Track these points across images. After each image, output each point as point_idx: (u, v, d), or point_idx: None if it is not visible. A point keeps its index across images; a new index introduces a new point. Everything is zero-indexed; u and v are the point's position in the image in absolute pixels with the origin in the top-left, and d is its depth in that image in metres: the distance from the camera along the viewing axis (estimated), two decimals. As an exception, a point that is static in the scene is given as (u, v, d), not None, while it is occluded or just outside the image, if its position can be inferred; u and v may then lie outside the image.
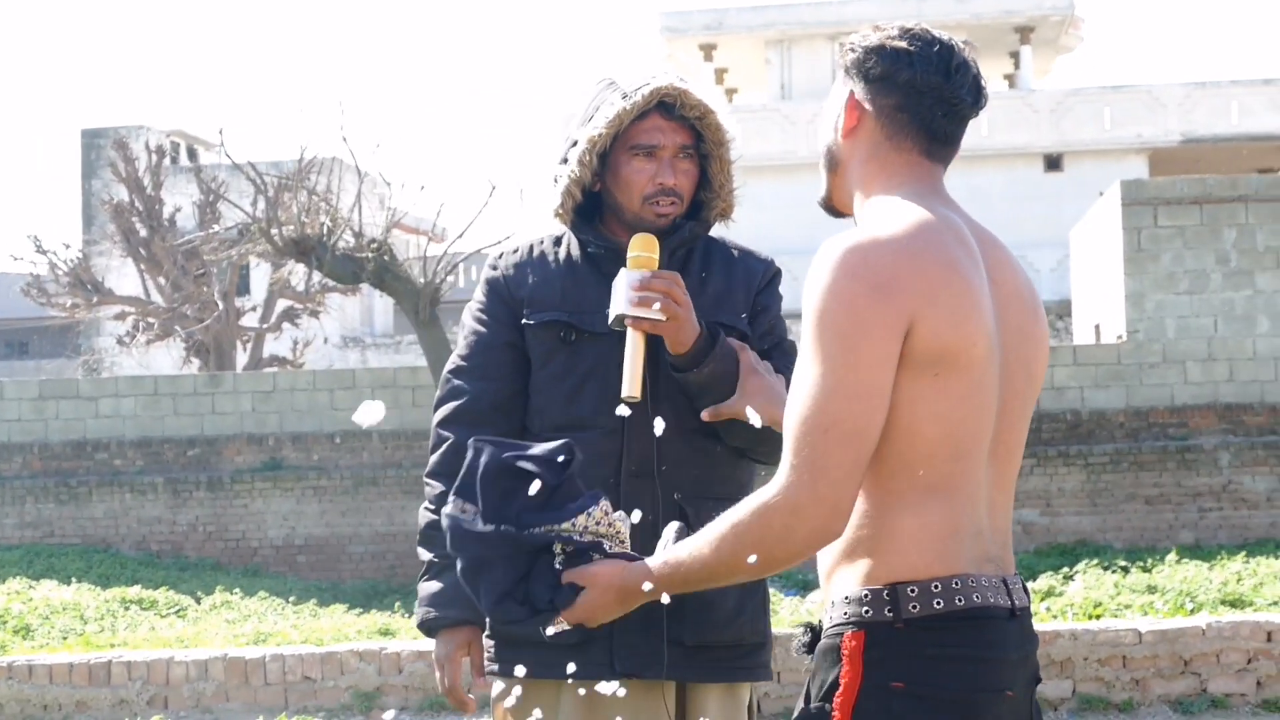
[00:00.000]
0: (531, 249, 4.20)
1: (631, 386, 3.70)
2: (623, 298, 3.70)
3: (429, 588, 4.05)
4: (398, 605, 16.63)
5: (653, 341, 3.81)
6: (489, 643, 4.08)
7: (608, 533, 3.23)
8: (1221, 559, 16.64)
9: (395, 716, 9.51)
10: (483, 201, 19.92)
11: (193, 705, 9.64)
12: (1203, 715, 9.06)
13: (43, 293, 34.80)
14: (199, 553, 23.49)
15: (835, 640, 2.93)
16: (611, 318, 3.74)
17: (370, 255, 19.00)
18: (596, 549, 3.20)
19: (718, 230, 4.23)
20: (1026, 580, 8.88)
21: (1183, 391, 22.01)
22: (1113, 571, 15.73)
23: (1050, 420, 21.94)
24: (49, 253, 34.17)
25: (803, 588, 17.29)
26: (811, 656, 3.04)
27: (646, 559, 3.10)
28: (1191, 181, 22.52)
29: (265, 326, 34.15)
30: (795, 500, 2.81)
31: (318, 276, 31.02)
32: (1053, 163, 44.88)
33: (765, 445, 3.94)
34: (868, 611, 2.89)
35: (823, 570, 3.07)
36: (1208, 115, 44.23)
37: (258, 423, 24.08)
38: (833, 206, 3.24)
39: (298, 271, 32.05)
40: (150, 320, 33.65)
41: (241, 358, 34.50)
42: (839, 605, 2.95)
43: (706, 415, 3.83)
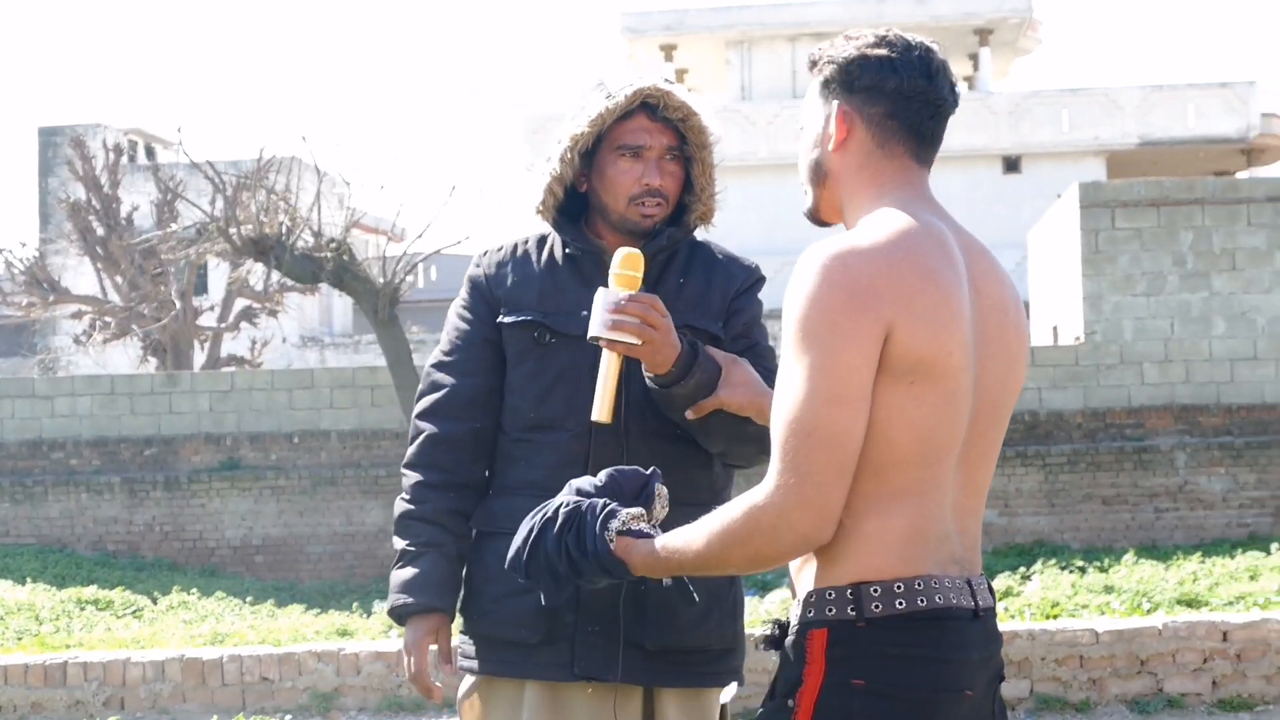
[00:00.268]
0: (516, 248, 4.21)
1: (601, 411, 3.70)
2: (599, 319, 3.67)
3: (401, 575, 4.06)
4: (355, 606, 16.60)
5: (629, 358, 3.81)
6: (462, 639, 4.13)
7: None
8: (1177, 559, 16.71)
9: (354, 718, 9.49)
10: (442, 202, 19.90)
11: (149, 706, 9.59)
12: (1159, 715, 9.08)
13: (-2, 291, 34.67)
14: (156, 553, 23.40)
15: (799, 637, 2.96)
16: (589, 335, 3.72)
17: (329, 255, 18.98)
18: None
19: (704, 234, 4.23)
20: (984, 580, 8.90)
21: (1139, 392, 22.11)
22: (1070, 571, 15.78)
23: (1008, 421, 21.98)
24: (5, 251, 34.07)
25: (761, 588, 17.29)
26: (776, 652, 3.06)
27: (644, 540, 3.19)
28: (1149, 184, 22.62)
29: (223, 326, 34.04)
30: (782, 503, 2.85)
31: (276, 276, 30.94)
32: (1011, 164, 45.07)
33: (746, 446, 3.95)
34: (831, 610, 2.93)
35: (792, 569, 3.11)
36: (1165, 118, 44.46)
37: (215, 422, 24.00)
38: (819, 218, 3.26)
39: (256, 271, 31.98)
40: (107, 319, 33.53)
41: (199, 357, 34.39)
42: (803, 603, 2.98)
43: (691, 414, 3.82)
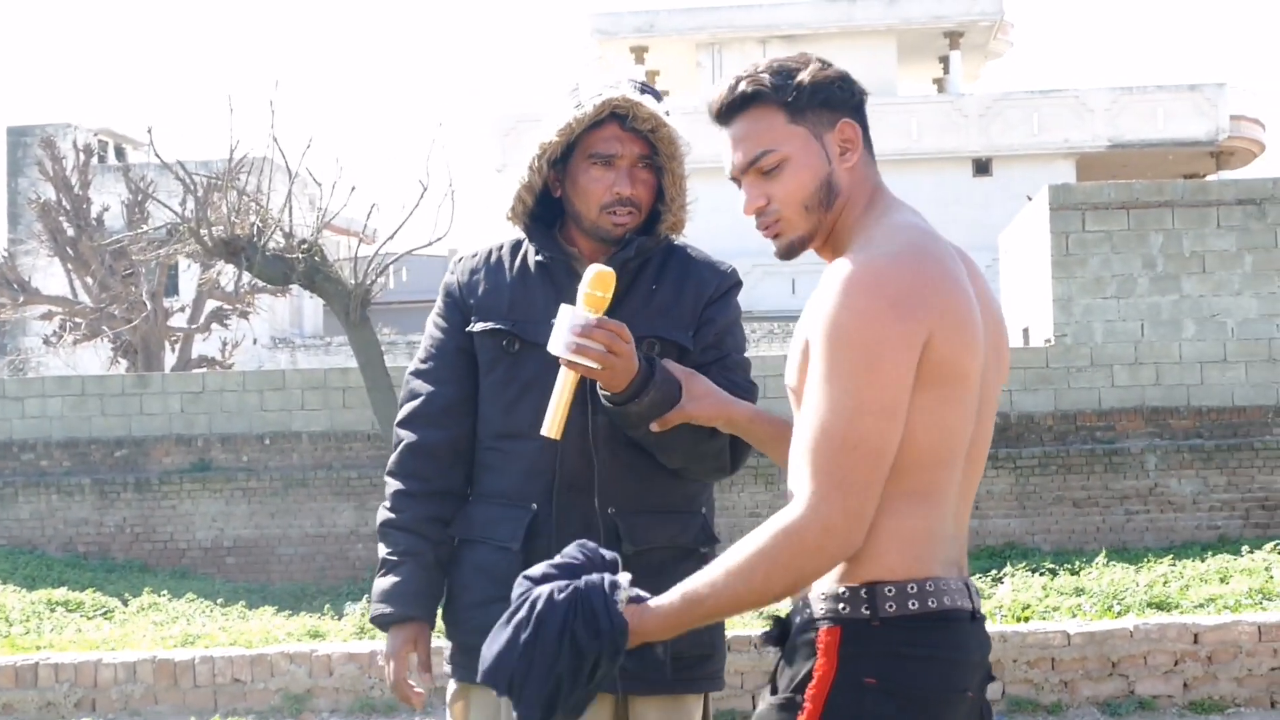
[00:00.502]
0: (490, 255, 4.23)
1: (551, 426, 3.68)
2: (562, 340, 3.64)
3: (383, 583, 4.09)
4: (327, 607, 16.55)
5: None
6: (446, 645, 4.17)
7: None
8: (1148, 561, 16.73)
9: (326, 719, 9.47)
10: (413, 203, 19.86)
11: (121, 708, 9.56)
12: (1130, 717, 9.10)
13: (-32, 292, 34.51)
14: (126, 554, 23.32)
15: (810, 635, 2.98)
16: (549, 348, 3.70)
17: (300, 256, 18.91)
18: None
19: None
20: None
21: (1110, 395, 22.16)
22: (1041, 574, 15.77)
23: (979, 423, 22.01)
24: (-26, 252, 33.90)
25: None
26: (778, 649, 3.09)
27: (653, 600, 3.05)
28: (1118, 186, 22.66)
29: (194, 327, 33.94)
30: (827, 518, 2.85)
31: (247, 277, 30.82)
32: (981, 167, 45.17)
33: (705, 463, 3.97)
34: (845, 608, 2.95)
35: None
36: (1134, 120, 44.60)
37: (186, 424, 23.93)
38: (803, 249, 3.23)
39: (227, 272, 31.88)
40: (77, 320, 33.39)
41: (170, 358, 34.30)
42: (816, 601, 2.99)
43: (656, 426, 3.80)
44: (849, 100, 3.18)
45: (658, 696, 4.01)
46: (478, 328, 4.10)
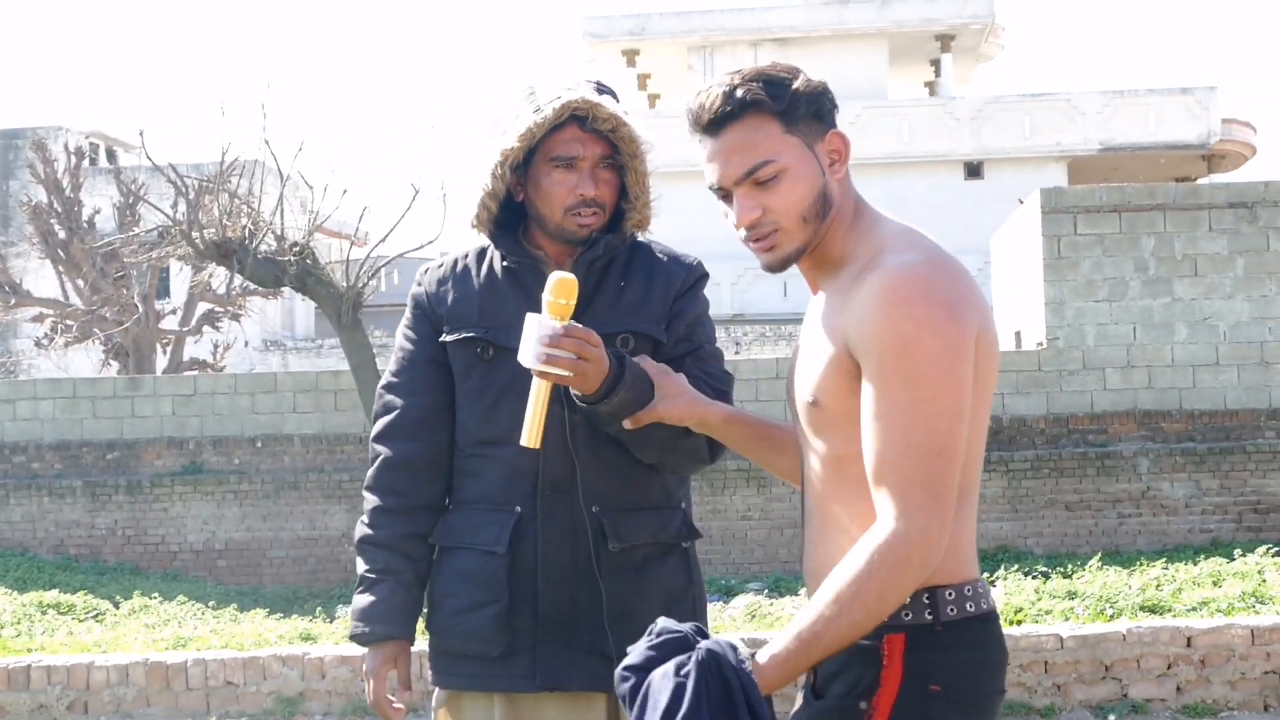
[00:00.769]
0: (455, 264, 4.23)
1: (530, 437, 3.69)
2: (530, 351, 3.64)
3: (361, 601, 4.10)
4: (319, 610, 16.53)
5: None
6: (429, 654, 4.15)
7: None
8: (1141, 565, 16.70)
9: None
10: (406, 205, 19.85)
11: (113, 710, 9.55)
12: (1123, 720, 9.09)
13: (-41, 294, 34.46)
14: (118, 557, 23.29)
15: (874, 641, 2.96)
16: (519, 359, 3.70)
17: (292, 258, 18.90)
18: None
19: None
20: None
21: (1102, 398, 22.15)
22: (1033, 577, 15.76)
23: (971, 426, 21.99)
24: (-34, 254, 33.87)
25: (726, 593, 17.29)
26: None
27: (763, 651, 2.94)
28: (1110, 190, 22.67)
29: (185, 329, 33.91)
30: (925, 529, 2.85)
31: (239, 279, 30.79)
32: (973, 170, 45.19)
33: (679, 456, 3.98)
34: (908, 614, 2.95)
35: (811, 572, 3.13)
36: (1126, 124, 44.61)
37: (178, 426, 23.90)
38: (791, 262, 3.20)
39: (218, 274, 31.82)
40: (69, 322, 33.35)
41: (161, 361, 34.24)
42: None
43: (629, 424, 3.80)
44: (832, 111, 3.18)
45: None
46: (450, 338, 4.10)
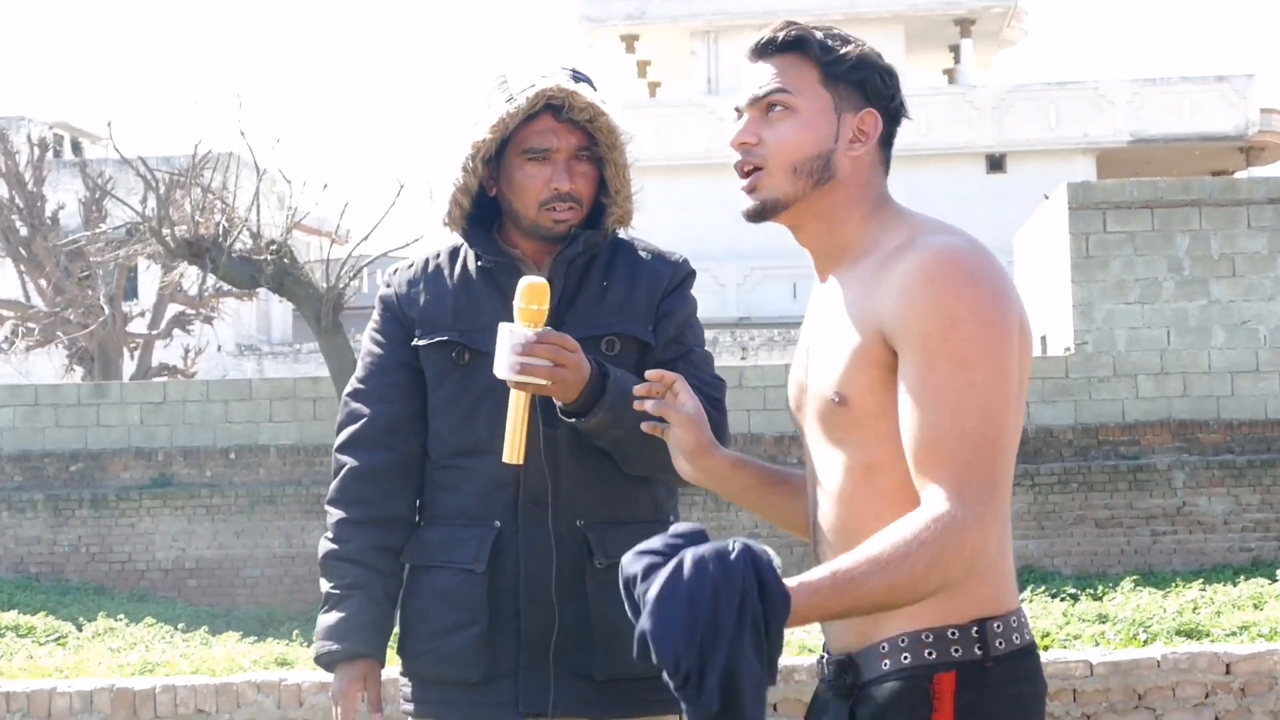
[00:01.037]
0: (426, 264, 4.21)
1: (512, 453, 3.68)
2: (505, 361, 3.63)
3: (327, 620, 4.05)
4: (296, 634, 16.52)
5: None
6: (404, 681, 4.12)
7: None
8: (1176, 586, 16.73)
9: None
10: (390, 201, 19.83)
11: (75, 742, 9.51)
12: (1158, 753, 9.06)
13: (-87, 295, 34.49)
14: (81, 575, 23.27)
15: (922, 681, 2.88)
16: (494, 372, 3.68)
17: (269, 258, 18.88)
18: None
19: (632, 235, 4.22)
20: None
21: (1134, 407, 22.13)
22: (1061, 599, 15.76)
23: (993, 437, 21.97)
24: (-80, 252, 33.86)
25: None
26: (844, 699, 2.97)
27: (796, 577, 2.73)
28: (1142, 184, 22.67)
29: (154, 333, 33.90)
30: (981, 519, 2.75)
31: (212, 280, 30.74)
32: (995, 163, 45.21)
33: (668, 471, 3.90)
34: (958, 650, 2.87)
35: None
36: (1158, 114, 44.60)
37: (146, 436, 23.90)
38: (772, 217, 3.14)
39: (190, 274, 31.80)
40: (30, 325, 33.35)
41: (129, 366, 34.23)
42: (921, 642, 2.89)
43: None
44: (885, 97, 3.12)
45: (633, 718, 4.00)
46: (423, 342, 4.08)
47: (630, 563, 2.67)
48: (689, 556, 2.58)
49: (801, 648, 10.08)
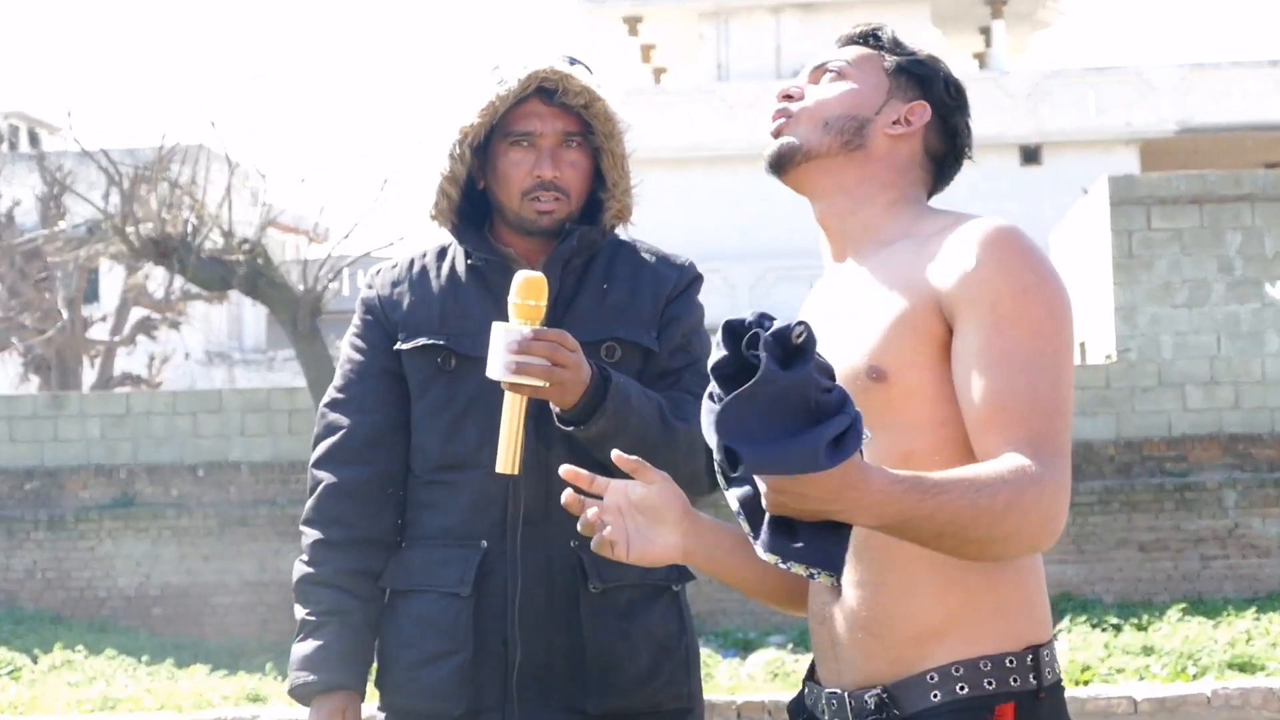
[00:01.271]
0: (412, 264, 4.23)
1: (506, 462, 3.68)
2: (499, 360, 3.65)
3: (303, 649, 4.05)
4: (269, 666, 16.51)
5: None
6: (381, 717, 4.11)
7: None
8: (1228, 615, 16.71)
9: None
10: (372, 197, 19.84)
11: (29, 784, 9.51)
12: (1209, 797, 9.05)
13: None
14: (36, 603, 23.25)
15: (982, 714, 2.88)
16: (488, 374, 3.69)
17: (241, 258, 18.91)
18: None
19: (637, 235, 4.24)
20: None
21: (1181, 420, 22.09)
22: (1102, 629, 15.78)
23: (1028, 452, 21.95)
24: None
25: (743, 648, 17.27)
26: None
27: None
28: (1190, 178, 22.65)
29: (117, 339, 33.93)
30: (1058, 485, 2.76)
31: (179, 282, 30.84)
32: (1030, 155, 45.18)
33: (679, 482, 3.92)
34: (1015, 680, 2.89)
35: (910, 620, 2.93)
36: (1207, 101, 44.58)
37: (107, 452, 23.88)
38: (795, 169, 3.17)
39: (156, 276, 31.89)
40: (-18, 331, 33.41)
41: (89, 376, 34.29)
42: (979, 671, 2.89)
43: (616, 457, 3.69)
44: (945, 99, 3.25)
45: None
46: (407, 346, 4.09)
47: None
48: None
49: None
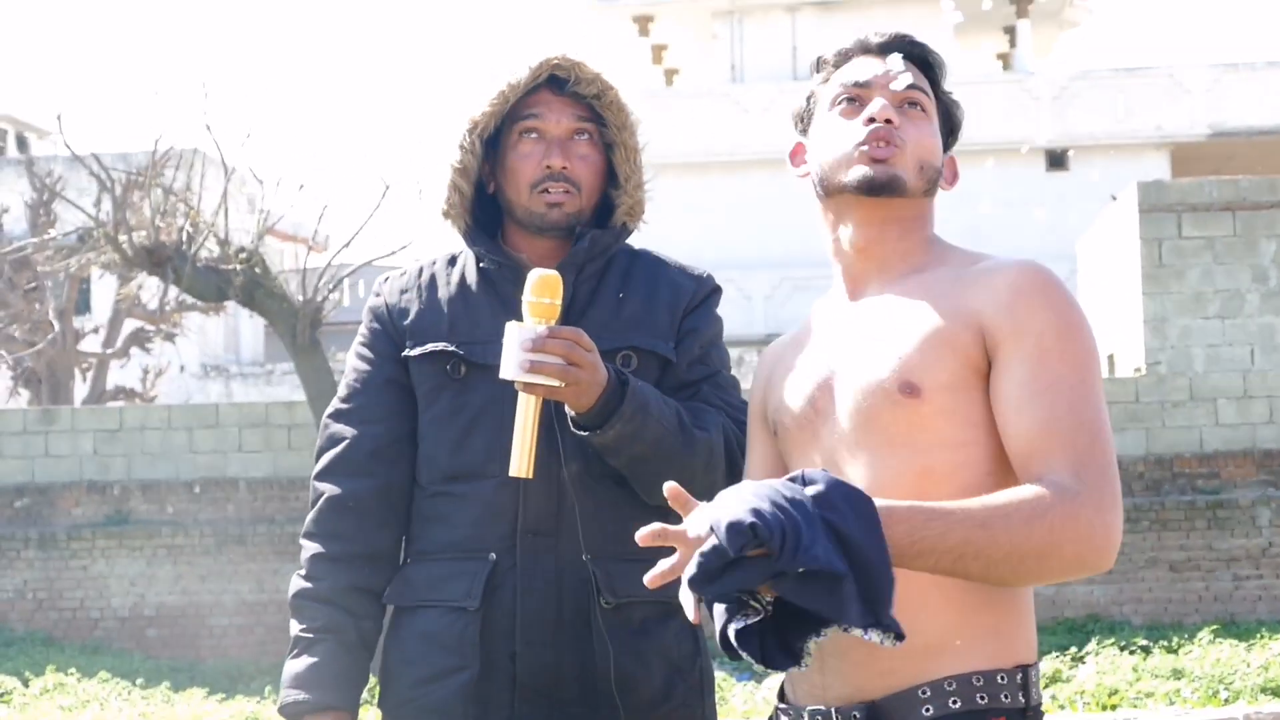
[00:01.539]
0: (421, 271, 4.25)
1: (520, 465, 3.69)
2: (513, 359, 3.66)
3: (295, 666, 4.05)
4: (268, 690, 16.56)
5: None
6: None
7: None
8: (1261, 638, 16.71)
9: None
10: (374, 204, 19.86)
11: (20, 812, 9.52)
12: (1241, 826, 9.06)
13: None
14: (27, 624, 23.26)
15: None
16: (501, 375, 3.71)
17: (238, 267, 18.90)
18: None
19: (650, 242, 4.23)
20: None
21: (1213, 435, 22.07)
22: (1131, 652, 15.77)
23: (1054, 469, 21.92)
24: None
25: (757, 671, 17.24)
26: None
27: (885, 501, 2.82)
28: (1222, 183, 22.62)
29: (110, 352, 33.92)
30: (1100, 498, 2.91)
31: (174, 292, 30.85)
32: (1056, 160, 45.14)
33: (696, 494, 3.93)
34: (1007, 697, 2.99)
35: (918, 631, 2.98)
36: (1240, 103, 44.55)
37: (100, 468, 23.90)
38: (893, 189, 3.26)
39: (150, 286, 31.87)
40: (-31, 344, 33.43)
41: (81, 389, 34.29)
42: (971, 686, 2.99)
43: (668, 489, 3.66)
44: (954, 143, 3.45)
45: None
46: (415, 352, 4.10)
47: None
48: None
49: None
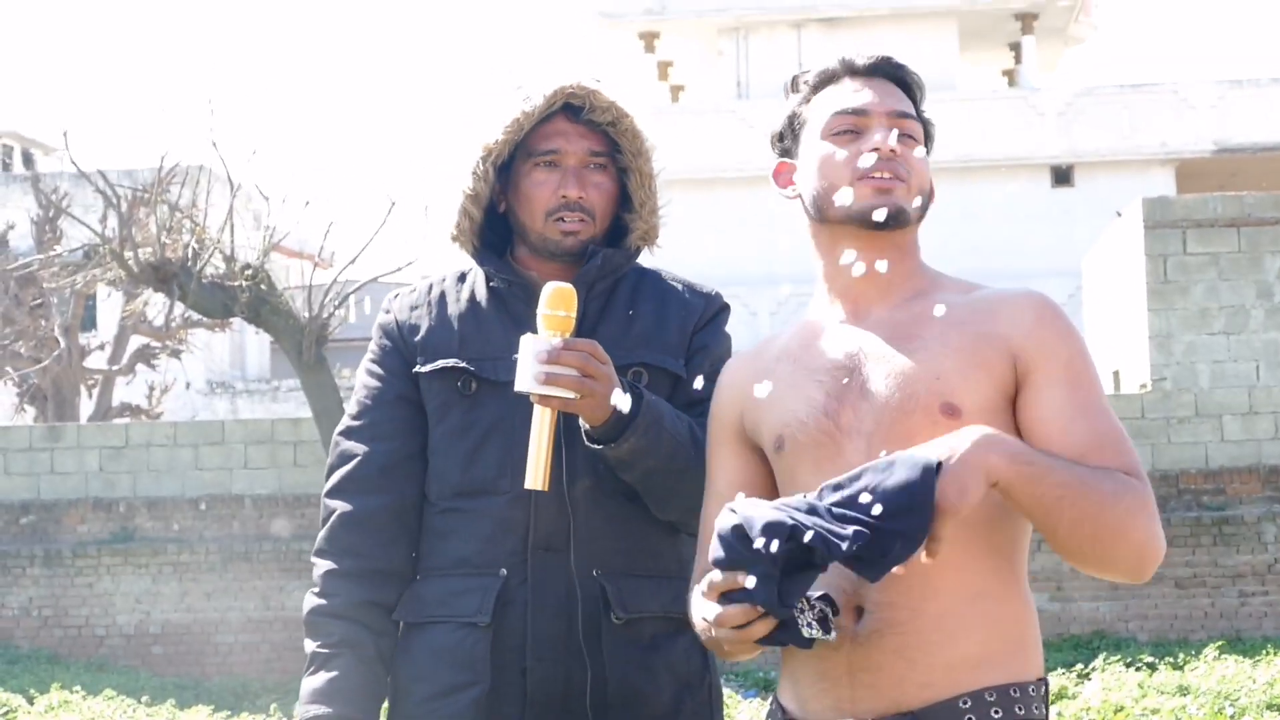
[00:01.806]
0: (430, 288, 4.26)
1: (535, 477, 3.69)
2: (529, 371, 3.66)
3: (313, 682, 4.05)
4: (274, 707, 16.52)
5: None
6: None
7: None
8: (1267, 654, 16.68)
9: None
10: (380, 221, 19.84)
11: (25, 831, 9.51)
12: (1247, 843, 9.04)
13: None
14: (33, 642, 23.25)
15: None
16: (516, 388, 3.70)
17: (244, 283, 18.89)
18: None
19: (657, 261, 4.27)
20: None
21: (1219, 451, 22.03)
22: (1137, 669, 15.74)
23: (1060, 485, 21.88)
24: None
25: (764, 687, 17.26)
26: None
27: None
28: (1227, 199, 22.60)
29: (115, 369, 33.92)
30: (1154, 511, 3.18)
31: (180, 309, 30.84)
32: (1061, 176, 45.12)
33: None
34: (1038, 708, 3.09)
35: (948, 647, 3.08)
36: (1245, 120, 44.51)
37: (106, 485, 23.88)
38: (897, 222, 3.33)
39: (155, 302, 31.86)
40: (-25, 360, 33.42)
41: (86, 406, 34.29)
42: (1010, 697, 3.07)
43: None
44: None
45: None
46: (426, 369, 4.10)
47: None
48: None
49: None
